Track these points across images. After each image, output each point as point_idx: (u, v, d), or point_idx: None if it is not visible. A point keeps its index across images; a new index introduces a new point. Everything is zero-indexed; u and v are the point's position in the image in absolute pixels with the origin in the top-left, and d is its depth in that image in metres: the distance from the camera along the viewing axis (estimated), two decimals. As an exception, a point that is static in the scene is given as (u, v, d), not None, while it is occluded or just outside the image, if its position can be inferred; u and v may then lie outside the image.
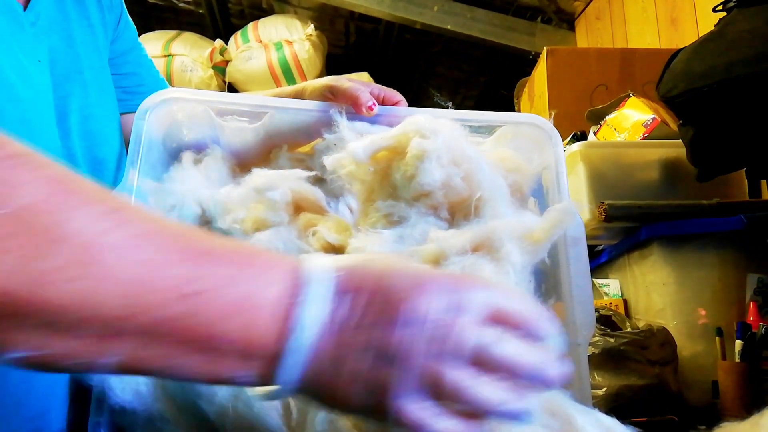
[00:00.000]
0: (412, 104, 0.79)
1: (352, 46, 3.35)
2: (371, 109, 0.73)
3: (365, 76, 2.83)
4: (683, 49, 1.13)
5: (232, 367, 0.38)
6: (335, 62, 3.11)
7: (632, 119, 1.45)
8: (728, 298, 1.14)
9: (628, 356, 0.99)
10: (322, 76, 2.33)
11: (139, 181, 0.66)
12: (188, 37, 2.92)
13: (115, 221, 0.37)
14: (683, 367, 1.08)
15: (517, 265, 0.60)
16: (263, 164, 0.76)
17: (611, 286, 1.34)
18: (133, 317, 0.35)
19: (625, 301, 1.31)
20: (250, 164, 0.75)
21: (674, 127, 1.30)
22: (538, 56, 2.05)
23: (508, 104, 2.69)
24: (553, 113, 0.84)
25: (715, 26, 1.11)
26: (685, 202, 1.20)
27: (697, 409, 1.06)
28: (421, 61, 3.38)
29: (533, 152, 0.75)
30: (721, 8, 1.12)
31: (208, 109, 0.75)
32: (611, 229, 1.26)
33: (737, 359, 1.00)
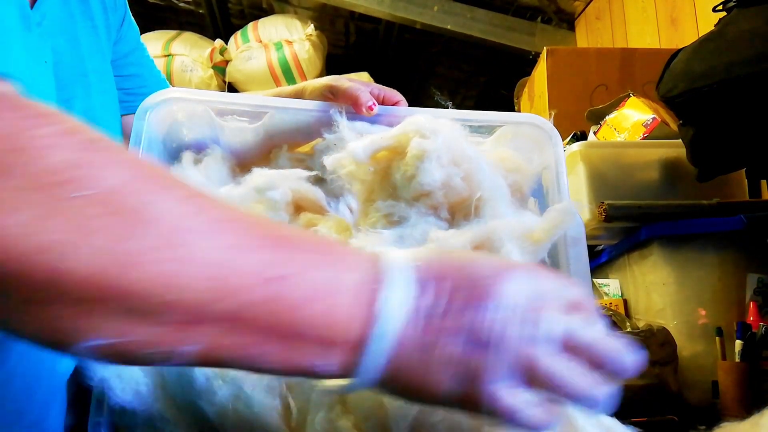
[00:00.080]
0: (412, 104, 0.79)
1: (352, 46, 3.35)
2: (371, 109, 0.73)
3: (365, 76, 2.83)
4: (683, 49, 1.13)
5: (313, 354, 0.37)
6: (335, 62, 3.11)
7: (632, 119, 1.45)
8: (728, 298, 1.14)
9: (628, 356, 0.99)
10: (322, 76, 2.33)
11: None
12: (188, 37, 2.92)
13: (196, 206, 0.36)
14: (683, 367, 1.08)
15: (517, 265, 0.60)
16: (263, 164, 0.76)
17: (611, 286, 1.34)
18: (217, 301, 0.34)
19: (625, 301, 1.31)
20: (250, 164, 0.74)
21: (674, 127, 1.30)
22: (538, 56, 2.05)
23: (508, 104, 2.69)
24: (553, 113, 0.84)
25: (715, 26, 1.11)
26: (685, 202, 1.20)
27: (697, 409, 1.06)
28: (421, 61, 3.38)
29: (533, 152, 0.75)
30: (721, 8, 1.12)
31: (208, 109, 0.75)
32: (611, 229, 1.26)
33: (737, 359, 1.00)
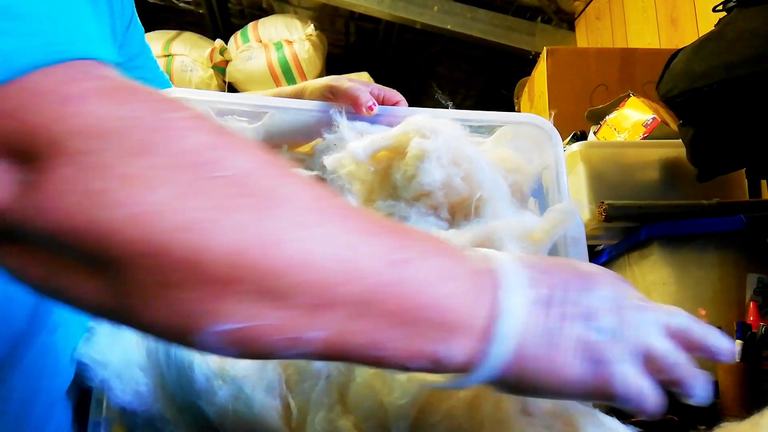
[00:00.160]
0: (412, 104, 0.79)
1: (352, 46, 3.35)
2: (371, 109, 0.73)
3: (365, 76, 2.83)
4: (683, 49, 1.13)
5: (439, 340, 0.36)
6: (335, 62, 3.11)
7: (632, 119, 1.45)
8: (728, 298, 1.14)
9: (628, 356, 0.99)
10: (322, 76, 2.33)
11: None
12: (188, 37, 2.92)
13: (316, 192, 0.36)
14: (683, 367, 1.08)
15: (517, 265, 0.60)
16: (263, 164, 0.76)
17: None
18: (346, 283, 0.34)
19: (625, 301, 1.30)
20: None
21: (674, 127, 1.30)
22: (538, 56, 2.05)
23: (508, 104, 2.69)
24: (553, 113, 0.84)
25: (715, 26, 1.11)
26: (685, 202, 1.20)
27: (697, 409, 1.05)
28: (421, 61, 3.38)
29: (533, 152, 0.75)
30: (721, 8, 1.12)
31: (208, 109, 0.75)
32: (611, 229, 1.26)
33: (737, 359, 1.00)
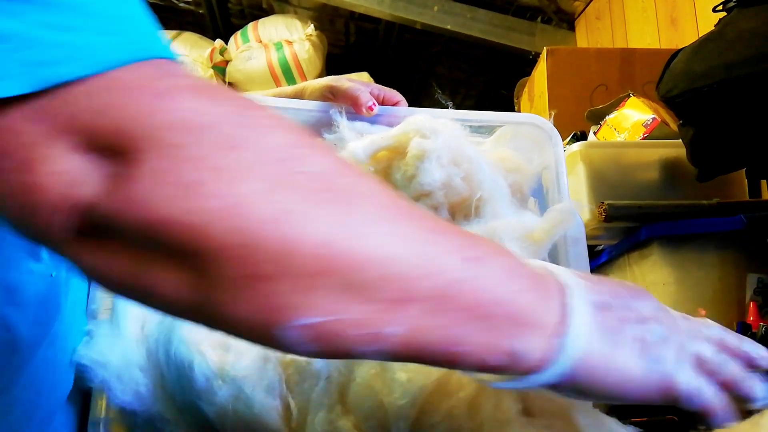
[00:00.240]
0: (412, 104, 0.79)
1: (352, 46, 3.35)
2: (371, 109, 0.73)
3: (365, 76, 2.83)
4: (683, 49, 1.13)
5: (515, 334, 0.37)
6: (335, 62, 3.11)
7: (632, 119, 1.44)
8: (728, 298, 1.14)
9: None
10: (322, 76, 2.33)
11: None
12: (188, 37, 2.91)
13: (388, 190, 0.38)
14: (683, 367, 1.08)
15: (517, 265, 0.60)
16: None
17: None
18: (424, 278, 0.35)
19: (625, 301, 1.30)
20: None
21: (674, 127, 1.30)
22: (538, 56, 2.05)
23: (508, 104, 2.69)
24: (553, 113, 0.84)
25: (715, 26, 1.10)
26: (685, 202, 1.20)
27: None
28: (421, 61, 3.38)
29: (533, 152, 0.75)
30: (721, 8, 1.12)
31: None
32: (611, 229, 1.25)
33: (737, 359, 1.00)
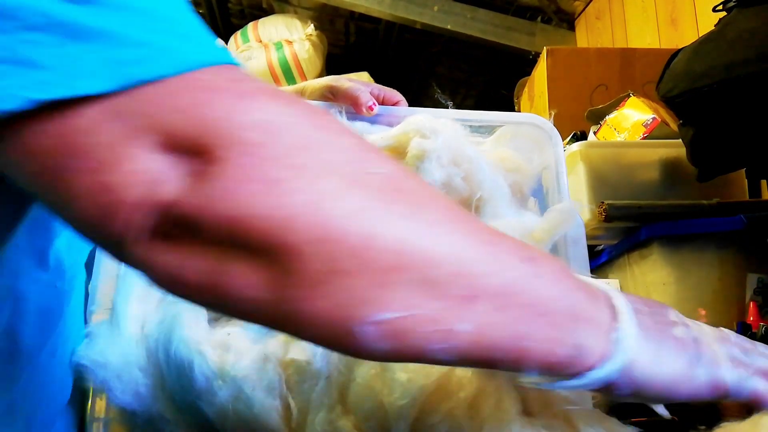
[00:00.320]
0: (412, 104, 0.79)
1: (352, 46, 3.35)
2: (371, 109, 0.73)
3: (365, 76, 2.83)
4: (683, 49, 1.13)
5: (577, 331, 0.38)
6: (335, 62, 3.11)
7: (632, 119, 1.44)
8: (728, 298, 1.14)
9: (628, 356, 0.99)
10: (322, 76, 2.33)
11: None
12: (188, 37, 2.91)
13: (443, 194, 0.41)
14: (683, 367, 1.08)
15: (517, 265, 0.60)
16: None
17: (611, 286, 1.33)
18: (491, 275, 0.36)
19: (625, 301, 1.30)
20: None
21: (674, 127, 1.30)
22: (538, 56, 2.05)
23: (508, 104, 2.69)
24: (553, 113, 0.84)
25: (715, 26, 1.10)
26: (685, 202, 1.20)
27: (697, 409, 1.05)
28: (421, 61, 3.38)
29: (533, 152, 0.75)
30: (721, 8, 1.12)
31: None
32: (611, 229, 1.25)
33: (737, 359, 1.00)
